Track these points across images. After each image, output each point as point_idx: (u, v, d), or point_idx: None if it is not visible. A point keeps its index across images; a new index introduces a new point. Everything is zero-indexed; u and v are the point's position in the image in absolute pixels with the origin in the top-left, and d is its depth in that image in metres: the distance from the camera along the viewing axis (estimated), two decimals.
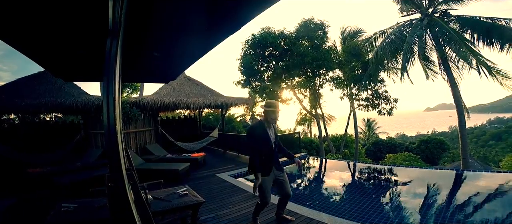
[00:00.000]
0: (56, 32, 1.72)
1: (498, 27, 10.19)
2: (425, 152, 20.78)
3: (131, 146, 8.32)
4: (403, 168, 8.36)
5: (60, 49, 2.06)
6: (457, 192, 5.90)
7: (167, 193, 3.54)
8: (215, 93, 10.45)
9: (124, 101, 8.02)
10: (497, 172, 7.62)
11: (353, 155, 17.40)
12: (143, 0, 1.46)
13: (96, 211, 2.93)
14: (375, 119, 33.43)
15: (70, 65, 2.54)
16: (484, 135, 65.74)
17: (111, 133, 0.94)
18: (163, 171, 6.30)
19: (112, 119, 0.93)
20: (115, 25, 1.17)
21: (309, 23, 13.18)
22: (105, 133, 0.94)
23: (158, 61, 3.17)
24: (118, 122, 1.02)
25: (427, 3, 12.24)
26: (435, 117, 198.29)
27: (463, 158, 11.36)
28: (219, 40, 2.49)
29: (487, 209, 4.62)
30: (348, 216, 4.22)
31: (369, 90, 13.80)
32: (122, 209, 1.10)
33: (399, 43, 11.78)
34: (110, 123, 0.93)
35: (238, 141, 10.45)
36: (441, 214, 4.39)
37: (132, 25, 1.89)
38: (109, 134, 0.94)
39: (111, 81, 0.96)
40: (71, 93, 7.92)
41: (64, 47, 2.02)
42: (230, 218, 3.94)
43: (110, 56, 1.00)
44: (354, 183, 7.03)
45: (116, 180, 1.01)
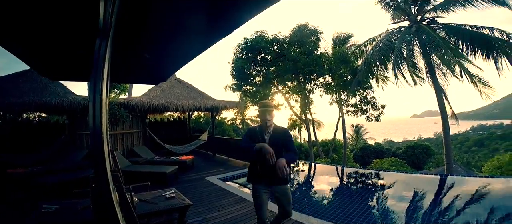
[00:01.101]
0: (44, 30, 1.69)
1: (481, 36, 10.56)
2: (411, 157, 21.27)
3: (118, 148, 8.17)
4: (389, 173, 8.52)
5: (46, 47, 2.02)
6: (441, 196, 6.04)
7: (153, 195, 3.49)
8: (206, 96, 10.41)
9: (112, 102, 7.88)
10: (479, 177, 7.87)
11: (342, 159, 17.61)
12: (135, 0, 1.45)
13: (79, 212, 2.86)
14: (363, 124, 34.02)
15: (56, 63, 2.49)
16: (467, 141, 67.80)
17: (97, 133, 0.92)
18: (151, 174, 6.21)
19: (98, 119, 0.92)
20: (106, 25, 1.16)
21: (303, 28, 13.31)
22: (90, 133, 0.93)
23: (148, 62, 3.14)
24: (104, 123, 1.01)
25: (416, 11, 12.59)
26: (421, 124, 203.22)
27: (447, 163, 11.66)
28: (211, 43, 2.49)
29: (469, 212, 4.76)
30: (336, 220, 4.26)
31: (357, 96, 14.01)
32: (106, 210, 1.09)
33: (387, 50, 12.06)
34: (95, 124, 0.92)
35: (228, 144, 10.42)
36: (425, 218, 4.50)
37: (123, 26, 1.88)
38: (94, 135, 0.93)
39: (99, 81, 0.96)
40: (57, 93, 7.72)
41: (51, 46, 1.98)
42: (218, 221, 3.92)
43: (99, 56, 1.00)
44: (342, 188, 7.11)
45: (101, 182, 0.99)
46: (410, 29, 12.37)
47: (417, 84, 12.77)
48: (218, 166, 8.53)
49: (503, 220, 4.27)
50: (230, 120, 25.24)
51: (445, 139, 11.81)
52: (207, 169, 8.01)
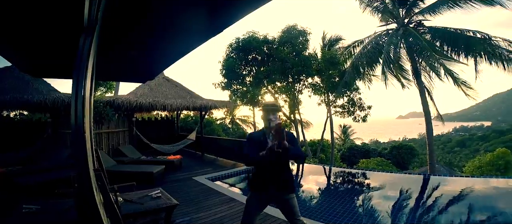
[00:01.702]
0: (26, 26, 1.64)
1: (465, 38, 10.93)
2: (396, 157, 21.79)
3: (103, 147, 7.99)
4: (375, 173, 8.72)
5: (29, 44, 1.96)
6: (424, 196, 6.23)
7: (139, 195, 3.44)
8: (194, 95, 10.31)
9: (97, 100, 7.70)
10: (460, 176, 8.16)
11: (329, 159, 17.85)
12: None
13: (61, 213, 2.79)
14: (350, 125, 34.57)
15: (39, 60, 2.41)
16: (450, 142, 70.16)
17: (79, 132, 0.91)
18: (137, 174, 6.10)
19: (80, 117, 0.91)
20: (91, 22, 1.14)
21: (292, 29, 13.43)
22: (72, 131, 0.91)
23: (136, 60, 3.10)
24: (87, 121, 0.99)
25: (404, 14, 12.91)
26: (406, 125, 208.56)
27: (430, 163, 12.02)
28: (201, 41, 2.48)
29: (451, 211, 4.93)
30: (323, 219, 4.32)
31: (345, 97, 14.26)
32: (89, 210, 1.07)
33: (374, 53, 12.31)
34: (78, 122, 0.90)
35: (217, 144, 10.37)
36: (409, 216, 4.64)
37: (110, 23, 1.85)
38: (76, 133, 0.91)
39: (82, 78, 0.94)
40: (40, 90, 7.47)
41: (33, 42, 1.92)
42: (205, 221, 3.89)
43: (82, 53, 0.98)
44: (329, 187, 7.22)
45: (83, 181, 0.97)
46: (397, 32, 12.66)
47: (402, 86, 13.14)
48: (206, 165, 8.47)
49: (483, 218, 4.45)
50: (219, 119, 25.12)
51: (429, 140, 12.18)
52: (195, 168, 7.94)
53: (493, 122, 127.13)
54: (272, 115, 2.33)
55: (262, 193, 2.46)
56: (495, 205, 5.02)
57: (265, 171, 2.40)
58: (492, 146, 46.76)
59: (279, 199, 2.47)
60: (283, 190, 2.42)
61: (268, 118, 2.37)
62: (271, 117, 2.31)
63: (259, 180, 2.46)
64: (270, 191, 2.43)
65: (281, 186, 2.41)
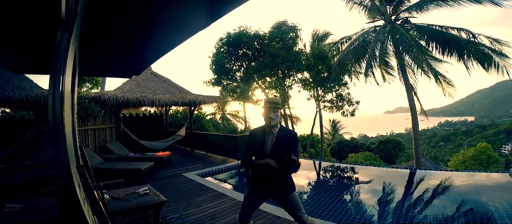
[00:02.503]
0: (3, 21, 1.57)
1: (450, 36, 11.17)
2: (383, 151, 22.27)
3: (89, 144, 7.82)
4: (364, 167, 8.88)
5: (5, 39, 1.88)
6: (410, 189, 6.41)
7: (126, 192, 3.39)
8: (183, 90, 10.20)
9: (82, 96, 7.51)
10: (445, 170, 8.41)
11: (319, 154, 18.09)
12: None
13: (45, 211, 2.73)
14: (340, 120, 35.05)
15: (17, 56, 2.33)
16: (435, 137, 72.33)
17: (57, 127, 0.88)
18: (125, 171, 6.02)
19: (58, 112, 0.88)
20: (69, 16, 1.10)
21: (283, 25, 13.45)
22: (50, 128, 0.89)
23: (121, 54, 3.03)
24: (67, 116, 0.96)
25: (391, 11, 13.10)
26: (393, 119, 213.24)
27: (416, 157, 12.35)
28: (188, 35, 2.44)
29: (436, 204, 5.09)
30: (313, 213, 4.38)
31: (333, 92, 14.43)
32: (71, 208, 1.04)
33: (361, 50, 12.47)
34: (55, 118, 0.87)
35: (207, 140, 10.33)
36: (397, 209, 4.77)
37: (93, 17, 1.79)
38: (54, 129, 0.88)
39: (60, 74, 0.91)
40: (22, 86, 7.21)
41: (9, 37, 1.85)
42: (195, 217, 3.89)
43: (60, 48, 0.94)
44: (319, 181, 7.32)
45: (63, 178, 0.95)
46: (384, 29, 12.85)
47: (387, 82, 13.43)
48: (196, 161, 8.43)
49: (467, 210, 4.62)
50: (209, 115, 24.98)
51: (414, 135, 12.49)
52: (185, 165, 7.89)
53: (476, 117, 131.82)
54: (273, 113, 2.33)
55: (260, 192, 2.46)
56: (478, 198, 5.21)
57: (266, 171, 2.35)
58: (475, 140, 48.54)
59: (279, 198, 2.46)
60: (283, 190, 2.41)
61: (269, 116, 2.34)
62: (272, 116, 2.33)
63: (258, 180, 2.44)
64: (267, 191, 2.43)
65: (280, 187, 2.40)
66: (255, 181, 2.45)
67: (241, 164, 2.51)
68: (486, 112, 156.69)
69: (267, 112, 2.35)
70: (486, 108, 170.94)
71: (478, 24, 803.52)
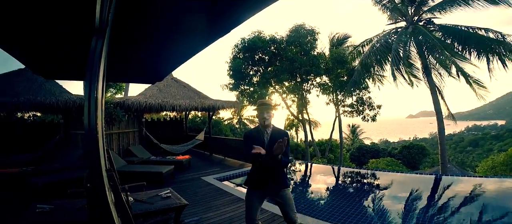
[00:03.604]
0: (39, 29, 1.67)
1: (477, 36, 10.65)
2: (406, 157, 21.43)
3: (114, 148, 8.11)
4: (385, 173, 8.57)
5: (41, 46, 2.00)
6: (436, 196, 6.10)
7: (149, 195, 3.47)
8: (202, 96, 10.37)
9: (107, 101, 7.83)
10: (473, 176, 7.95)
11: (338, 159, 17.69)
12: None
13: (74, 212, 2.84)
14: (359, 125, 34.19)
15: (51, 62, 2.46)
16: (462, 142, 68.62)
17: (92, 133, 0.92)
18: (147, 174, 6.17)
19: (93, 119, 0.91)
20: (102, 24, 1.15)
21: (300, 28, 13.37)
22: (85, 133, 0.92)
23: (145, 61, 3.13)
24: (99, 122, 1.00)
25: (413, 12, 12.70)
26: (416, 124, 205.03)
27: (442, 163, 11.77)
28: (209, 42, 2.48)
29: (464, 212, 4.81)
30: (332, 219, 4.28)
31: (354, 97, 14.10)
32: (101, 210, 1.08)
33: (384, 51, 12.14)
34: (90, 123, 0.91)
35: (225, 144, 10.41)
36: (420, 218, 4.54)
37: (120, 24, 1.87)
38: (89, 134, 0.92)
39: (94, 80, 0.95)
40: (52, 92, 7.65)
41: (45, 44, 1.96)
42: (214, 221, 3.90)
43: (94, 55, 0.99)
44: (338, 187, 7.14)
45: (95, 181, 0.99)
46: (406, 30, 12.45)
47: (414, 84, 12.91)
48: (214, 166, 8.51)
49: (496, 219, 4.32)
50: (227, 119, 25.22)
51: (440, 139, 11.92)
52: (204, 168, 7.99)
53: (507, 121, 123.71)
54: (266, 113, 2.52)
55: (259, 190, 2.57)
56: (509, 206, 4.87)
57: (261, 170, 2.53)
58: (506, 145, 45.53)
59: (275, 194, 2.57)
60: (279, 186, 2.55)
61: (262, 117, 2.52)
62: (265, 116, 2.52)
63: (256, 178, 2.57)
64: (266, 187, 2.55)
65: (276, 183, 2.54)
66: (255, 179, 2.58)
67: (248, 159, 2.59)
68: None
69: (260, 114, 2.54)
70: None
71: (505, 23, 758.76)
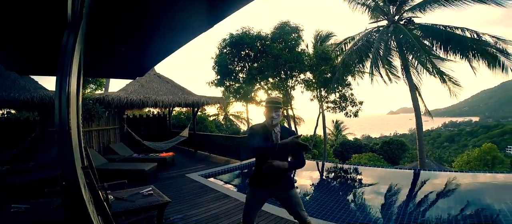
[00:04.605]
0: (9, 23, 1.59)
1: (454, 35, 11.09)
2: (387, 152, 22.11)
3: (93, 145, 7.88)
4: (367, 168, 8.81)
5: (12, 41, 1.90)
6: (414, 190, 6.36)
7: (130, 193, 3.41)
8: (186, 92, 10.24)
9: (86, 98, 7.57)
10: (450, 171, 8.33)
11: (322, 155, 18.02)
12: None
13: (50, 212, 2.75)
14: (343, 121, 34.95)
15: (25, 58, 2.35)
16: (439, 137, 71.78)
17: (63, 129, 0.89)
18: (129, 172, 6.05)
19: (64, 115, 0.88)
20: (75, 18, 1.11)
21: (285, 25, 13.42)
22: (56, 129, 0.89)
23: (125, 56, 3.05)
24: (74, 118, 0.97)
25: (394, 11, 13.05)
26: (397, 120, 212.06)
27: (420, 158, 12.26)
28: (191, 37, 2.45)
29: (440, 205, 5.04)
30: (316, 214, 4.36)
31: (336, 93, 14.37)
32: (76, 208, 1.05)
33: (364, 50, 12.43)
34: (62, 119, 0.88)
35: (210, 140, 10.35)
36: (400, 211, 4.73)
37: (97, 18, 1.81)
38: (61, 131, 0.89)
39: (66, 76, 0.92)
40: (27, 88, 7.29)
41: (17, 40, 1.87)
42: (199, 218, 3.89)
43: (66, 50, 0.95)
44: (322, 182, 7.29)
45: (69, 179, 0.96)
46: (388, 29, 12.79)
47: (392, 82, 13.34)
48: (199, 162, 8.45)
49: (471, 212, 4.57)
50: (212, 116, 25.05)
51: (418, 135, 12.40)
52: (188, 166, 7.92)
53: (481, 118, 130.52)
54: (274, 113, 2.34)
55: (262, 191, 2.45)
56: (483, 199, 5.15)
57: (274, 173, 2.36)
58: (480, 141, 48.09)
59: (280, 196, 2.45)
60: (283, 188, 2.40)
61: (271, 116, 2.34)
62: (273, 115, 2.33)
63: (260, 178, 2.43)
64: (270, 188, 2.42)
65: (282, 184, 2.39)
66: (258, 179, 2.45)
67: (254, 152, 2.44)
68: (491, 112, 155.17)
69: (268, 112, 2.36)
70: (491, 108, 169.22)
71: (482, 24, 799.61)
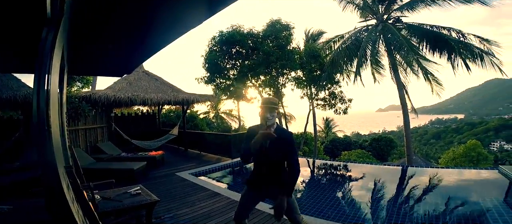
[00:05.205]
0: None
1: (440, 35, 11.37)
2: (376, 149, 22.54)
3: (80, 144, 7.70)
4: (357, 164, 8.96)
5: None
6: (402, 186, 6.50)
7: (117, 193, 3.36)
8: (176, 89, 10.13)
9: (72, 96, 7.39)
10: (436, 167, 8.53)
11: (312, 152, 18.20)
12: None
13: (34, 212, 2.68)
14: (333, 118, 35.35)
15: (5, 55, 2.27)
16: (426, 134, 73.61)
17: (42, 126, 0.86)
18: (117, 171, 5.94)
19: (43, 112, 0.86)
20: (55, 14, 1.08)
21: (276, 23, 13.45)
22: (34, 127, 0.87)
23: (112, 53, 2.99)
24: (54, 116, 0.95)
25: (383, 10, 13.24)
26: (386, 117, 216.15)
27: (407, 155, 12.54)
28: (179, 34, 2.42)
29: (427, 201, 5.16)
30: (307, 211, 4.40)
31: (326, 91, 14.53)
32: (60, 209, 1.03)
33: (353, 49, 12.60)
34: (40, 117, 0.85)
35: (201, 138, 10.29)
36: (389, 207, 4.84)
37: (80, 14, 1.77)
38: (39, 128, 0.86)
39: (45, 73, 0.89)
40: (9, 86, 7.06)
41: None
42: (189, 217, 3.86)
43: (44, 47, 0.92)
44: (312, 179, 7.36)
45: (50, 179, 0.93)
46: (376, 28, 12.98)
47: (378, 81, 13.64)
48: (190, 161, 8.39)
49: (456, 206, 4.71)
50: (202, 113, 24.88)
51: (406, 132, 12.67)
52: (178, 164, 7.85)
53: (466, 115, 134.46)
54: (269, 114, 2.28)
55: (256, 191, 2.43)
56: (467, 194, 5.31)
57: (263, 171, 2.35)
58: (465, 138, 49.60)
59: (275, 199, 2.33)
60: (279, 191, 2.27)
61: (265, 117, 2.28)
62: (268, 116, 2.27)
63: (255, 179, 2.41)
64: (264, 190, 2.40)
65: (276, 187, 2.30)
66: (251, 181, 2.43)
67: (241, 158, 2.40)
68: (476, 109, 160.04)
69: (263, 112, 2.30)
70: (475, 106, 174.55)
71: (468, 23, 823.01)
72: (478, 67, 10.63)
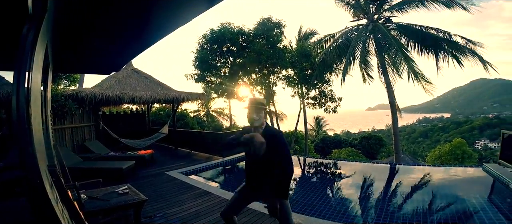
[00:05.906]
0: None
1: (428, 35, 11.66)
2: (365, 147, 22.84)
3: (66, 143, 7.54)
4: (347, 162, 9.07)
5: None
6: (391, 184, 6.66)
7: (105, 192, 3.31)
8: (166, 87, 10.02)
9: (58, 94, 7.21)
10: (423, 165, 8.72)
11: (303, 150, 18.35)
12: None
13: (18, 212, 2.62)
14: (323, 117, 35.68)
15: None
16: (414, 133, 75.18)
17: (22, 125, 0.84)
18: (105, 170, 5.84)
19: (23, 111, 0.84)
20: (36, 10, 1.05)
21: (267, 21, 13.43)
22: (13, 125, 0.85)
23: (99, 50, 2.94)
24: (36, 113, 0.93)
25: (374, 10, 13.44)
26: (375, 116, 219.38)
27: (396, 153, 12.80)
28: (168, 31, 2.40)
29: (414, 197, 5.29)
30: (298, 209, 4.44)
31: (316, 90, 14.66)
32: (42, 208, 1.01)
33: (343, 48, 12.75)
34: (20, 116, 0.83)
35: (191, 137, 10.22)
36: (378, 204, 4.94)
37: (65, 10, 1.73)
38: (19, 126, 0.84)
39: (25, 71, 0.87)
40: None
41: None
42: (179, 216, 3.84)
43: (25, 44, 0.90)
44: (303, 177, 7.42)
45: (32, 178, 0.92)
46: (367, 27, 13.16)
47: (368, 82, 13.87)
48: (180, 160, 8.33)
49: (442, 203, 4.85)
50: (193, 112, 24.69)
51: (394, 131, 12.93)
52: (168, 163, 7.78)
53: (452, 114, 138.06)
54: (255, 114, 2.26)
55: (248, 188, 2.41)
56: (453, 191, 5.47)
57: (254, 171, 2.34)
58: (451, 136, 50.93)
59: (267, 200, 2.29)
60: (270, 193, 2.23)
61: (251, 117, 2.26)
62: (254, 116, 2.25)
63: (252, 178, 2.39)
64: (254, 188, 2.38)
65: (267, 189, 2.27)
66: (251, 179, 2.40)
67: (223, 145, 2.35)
68: (461, 108, 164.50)
69: (250, 113, 2.27)
70: (461, 105, 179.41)
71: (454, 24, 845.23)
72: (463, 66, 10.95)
